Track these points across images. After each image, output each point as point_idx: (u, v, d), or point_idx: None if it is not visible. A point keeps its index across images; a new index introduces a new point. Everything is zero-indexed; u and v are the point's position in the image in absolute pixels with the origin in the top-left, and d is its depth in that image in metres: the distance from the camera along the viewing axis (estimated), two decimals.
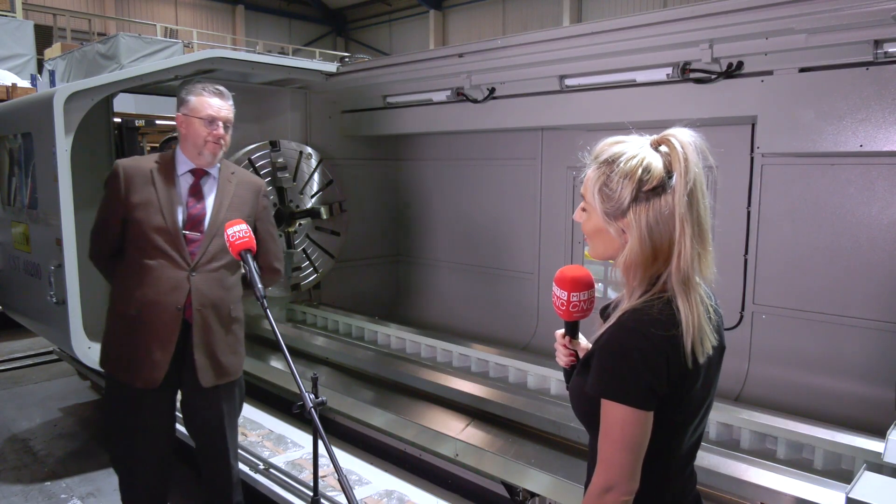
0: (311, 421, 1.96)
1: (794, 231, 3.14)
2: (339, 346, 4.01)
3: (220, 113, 2.49)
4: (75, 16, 16.84)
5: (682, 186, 1.25)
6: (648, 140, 1.32)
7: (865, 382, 2.94)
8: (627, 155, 1.28)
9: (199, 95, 2.47)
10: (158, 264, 2.41)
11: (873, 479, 1.85)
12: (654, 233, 1.26)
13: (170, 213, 2.43)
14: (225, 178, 2.59)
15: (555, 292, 1.45)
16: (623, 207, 1.28)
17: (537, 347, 4.11)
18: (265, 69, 4.09)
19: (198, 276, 2.45)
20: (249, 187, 2.65)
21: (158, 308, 2.40)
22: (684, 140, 1.28)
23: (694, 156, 1.27)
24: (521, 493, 2.68)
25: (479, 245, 4.67)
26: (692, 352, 1.24)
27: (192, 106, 2.47)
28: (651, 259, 1.28)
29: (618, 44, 2.94)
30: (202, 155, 2.49)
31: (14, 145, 4.08)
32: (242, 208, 2.58)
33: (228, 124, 2.52)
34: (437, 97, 3.86)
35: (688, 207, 1.25)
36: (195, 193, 2.52)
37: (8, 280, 4.40)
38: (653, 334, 1.23)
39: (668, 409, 1.28)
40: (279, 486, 3.03)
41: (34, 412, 4.96)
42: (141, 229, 2.41)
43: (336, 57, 11.07)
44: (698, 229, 1.27)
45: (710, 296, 1.38)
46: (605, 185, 1.30)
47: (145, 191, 2.43)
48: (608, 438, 1.26)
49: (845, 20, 2.32)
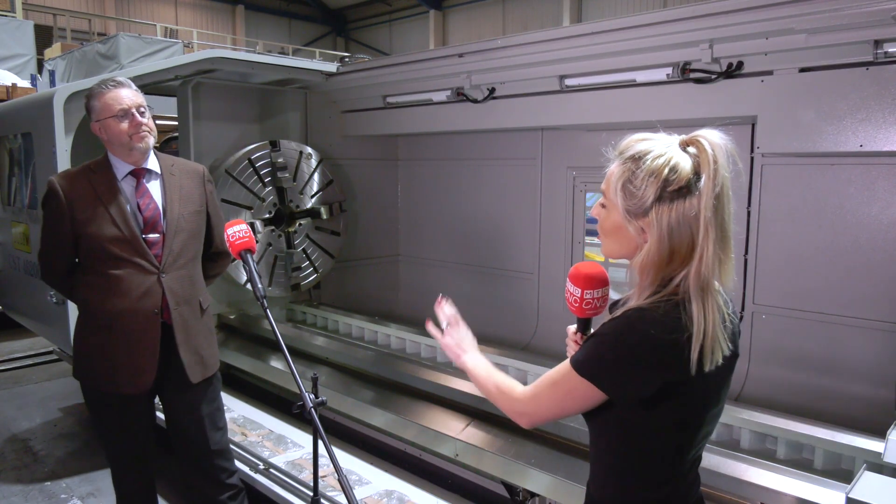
0: (311, 421, 1.96)
1: (794, 231, 3.14)
2: (339, 346, 4.01)
3: (129, 101, 2.33)
4: (75, 16, 16.84)
5: (709, 190, 1.22)
6: (677, 139, 1.29)
7: (865, 382, 2.94)
8: (655, 153, 1.26)
9: (100, 96, 2.34)
10: (125, 273, 2.33)
11: (873, 480, 1.85)
12: (675, 235, 1.24)
13: (123, 222, 2.33)
14: (167, 171, 2.48)
15: (568, 288, 1.44)
16: (646, 206, 1.25)
17: (537, 347, 4.11)
18: (265, 69, 4.09)
19: (168, 277, 2.39)
20: (193, 175, 2.56)
21: (134, 316, 2.35)
22: (715, 142, 1.24)
23: (724, 159, 1.24)
24: (521, 493, 2.68)
25: (479, 245, 4.67)
26: (700, 358, 1.22)
27: (98, 110, 2.34)
28: (667, 260, 1.26)
29: (618, 44, 2.94)
30: (134, 149, 2.35)
31: (14, 145, 4.08)
32: (193, 198, 2.51)
33: (143, 109, 2.36)
34: (437, 97, 3.86)
35: (714, 212, 1.22)
36: (143, 195, 2.41)
37: (8, 280, 4.40)
38: (651, 335, 1.22)
39: (667, 410, 1.27)
40: (279, 486, 3.03)
41: (34, 412, 4.96)
42: (97, 243, 2.32)
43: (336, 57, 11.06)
44: (721, 235, 1.24)
45: (729, 302, 1.36)
46: (629, 182, 1.27)
47: (91, 204, 2.33)
48: (552, 382, 1.36)
49: (845, 20, 2.32)
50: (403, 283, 5.27)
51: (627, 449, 1.35)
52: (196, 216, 2.52)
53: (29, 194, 3.86)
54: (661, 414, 1.28)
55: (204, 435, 2.57)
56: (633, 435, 1.32)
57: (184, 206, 2.46)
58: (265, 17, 23.43)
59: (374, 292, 5.11)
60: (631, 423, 1.31)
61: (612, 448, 1.37)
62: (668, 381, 1.24)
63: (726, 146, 1.26)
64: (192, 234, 2.49)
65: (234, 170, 4.07)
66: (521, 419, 1.42)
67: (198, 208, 2.52)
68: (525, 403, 1.41)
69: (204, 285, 2.61)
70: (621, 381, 1.27)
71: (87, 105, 2.39)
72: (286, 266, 4.38)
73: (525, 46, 3.28)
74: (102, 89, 2.35)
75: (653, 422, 1.29)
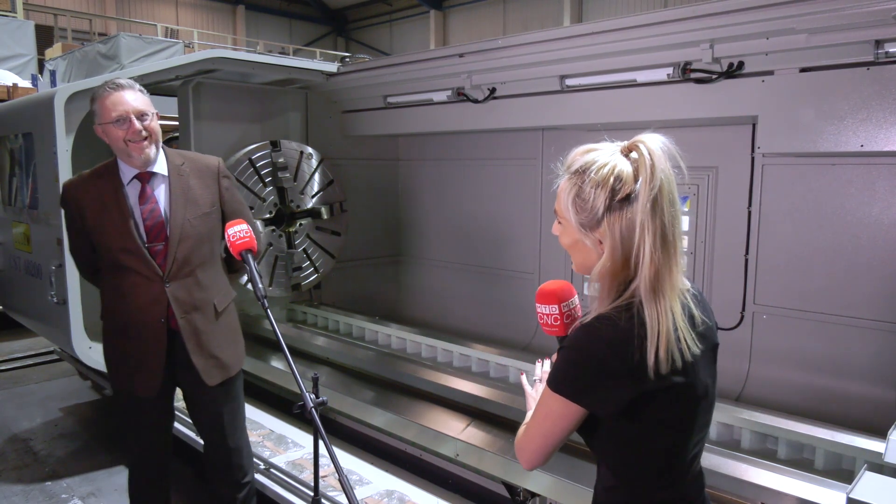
0: (312, 421, 1.96)
1: (794, 231, 3.14)
2: (340, 346, 4.01)
3: (128, 107, 2.25)
4: (76, 16, 16.84)
5: (645, 193, 1.21)
6: (619, 146, 1.29)
7: (866, 382, 2.93)
8: (599, 163, 1.25)
9: (101, 99, 2.28)
10: (132, 281, 2.33)
11: (874, 480, 1.85)
12: (625, 241, 1.24)
13: (127, 232, 2.30)
14: (175, 173, 2.39)
15: (541, 311, 1.41)
16: (598, 217, 1.25)
17: (538, 347, 4.11)
18: (266, 69, 4.09)
19: (174, 285, 2.35)
20: (204, 173, 2.47)
21: (142, 323, 2.36)
22: (652, 146, 1.24)
23: (662, 162, 1.23)
24: (521, 494, 2.68)
25: (480, 245, 4.67)
26: (656, 361, 1.21)
27: (99, 113, 2.29)
28: (621, 267, 1.26)
29: (618, 44, 2.94)
30: (132, 157, 2.29)
31: (15, 145, 4.08)
32: (203, 198, 2.43)
33: (146, 114, 2.28)
34: (438, 97, 3.86)
35: (650, 215, 1.21)
36: (146, 201, 2.35)
37: (9, 280, 4.40)
38: (610, 338, 1.22)
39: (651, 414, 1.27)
40: (280, 486, 3.03)
41: (35, 412, 4.96)
42: (105, 250, 2.34)
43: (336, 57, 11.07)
44: (661, 239, 1.23)
45: (699, 297, 1.36)
46: (578, 196, 1.27)
47: (98, 212, 2.32)
48: (536, 420, 1.34)
49: (846, 20, 2.32)
50: (404, 283, 5.27)
51: (624, 456, 1.34)
52: (203, 219, 2.43)
53: (30, 194, 3.86)
54: (647, 420, 1.27)
55: (222, 434, 2.58)
56: (626, 443, 1.32)
57: (189, 211, 2.39)
58: (266, 17, 23.43)
59: (375, 292, 5.11)
60: (620, 433, 1.30)
61: (610, 455, 1.37)
62: (642, 389, 1.23)
63: (665, 148, 1.25)
64: (199, 239, 2.41)
65: (235, 170, 4.07)
66: (521, 458, 1.38)
67: (206, 210, 2.44)
68: (518, 440, 1.39)
69: (222, 285, 2.54)
70: (596, 392, 1.26)
71: (91, 107, 2.35)
72: (287, 266, 4.38)
73: (526, 46, 3.28)
74: (104, 92, 2.29)
75: (641, 428, 1.28)
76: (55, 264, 3.44)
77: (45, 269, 3.61)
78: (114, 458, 4.10)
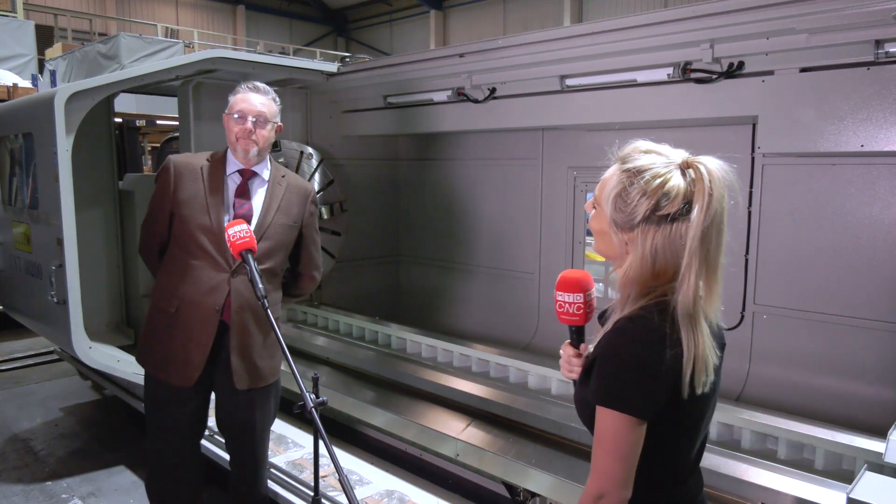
0: (312, 421, 1.97)
1: (794, 231, 3.14)
2: (340, 346, 4.01)
3: (250, 107, 2.42)
4: (76, 16, 16.85)
5: (700, 221, 1.18)
6: (680, 158, 1.25)
7: (866, 382, 2.94)
8: (654, 171, 1.22)
9: (236, 94, 2.46)
10: (200, 264, 2.38)
11: (874, 480, 1.85)
12: (660, 257, 1.22)
13: (215, 213, 2.39)
14: (275, 180, 2.53)
15: (563, 300, 1.37)
16: (633, 223, 1.23)
17: (538, 347, 4.11)
18: (266, 69, 4.09)
19: (238, 279, 2.39)
20: (299, 192, 2.59)
21: (196, 308, 2.38)
22: (714, 172, 1.21)
23: (720, 190, 1.20)
24: (521, 494, 2.68)
25: (480, 245, 4.67)
26: (691, 380, 1.20)
27: (229, 105, 2.46)
28: (650, 279, 1.24)
29: (618, 44, 2.94)
30: (236, 151, 2.45)
31: (15, 145, 4.08)
32: (290, 212, 2.53)
33: (261, 118, 2.43)
34: (438, 97, 3.86)
35: (700, 243, 1.19)
36: (242, 194, 2.47)
37: (9, 280, 4.40)
38: (649, 340, 1.21)
39: (668, 414, 1.26)
40: (280, 485, 3.03)
41: (35, 412, 4.96)
42: (186, 227, 2.39)
43: (337, 57, 11.07)
44: (706, 268, 1.21)
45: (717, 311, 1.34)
46: (621, 196, 1.24)
47: (193, 188, 2.41)
48: (601, 446, 1.24)
49: (846, 20, 2.32)
50: (404, 283, 5.27)
51: None
52: (288, 230, 2.52)
53: (30, 194, 3.86)
54: (667, 424, 1.26)
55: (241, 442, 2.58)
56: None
57: (279, 217, 2.49)
58: (266, 17, 23.44)
59: (375, 292, 5.11)
60: None
61: None
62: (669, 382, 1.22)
63: (726, 177, 1.22)
64: (278, 244, 2.49)
65: None
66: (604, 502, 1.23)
67: (292, 223, 2.53)
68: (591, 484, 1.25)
69: (277, 300, 2.57)
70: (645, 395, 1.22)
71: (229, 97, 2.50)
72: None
73: (526, 46, 3.28)
74: (241, 89, 2.46)
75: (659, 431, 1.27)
76: (55, 264, 3.44)
77: (46, 269, 3.61)
78: (114, 458, 4.10)
